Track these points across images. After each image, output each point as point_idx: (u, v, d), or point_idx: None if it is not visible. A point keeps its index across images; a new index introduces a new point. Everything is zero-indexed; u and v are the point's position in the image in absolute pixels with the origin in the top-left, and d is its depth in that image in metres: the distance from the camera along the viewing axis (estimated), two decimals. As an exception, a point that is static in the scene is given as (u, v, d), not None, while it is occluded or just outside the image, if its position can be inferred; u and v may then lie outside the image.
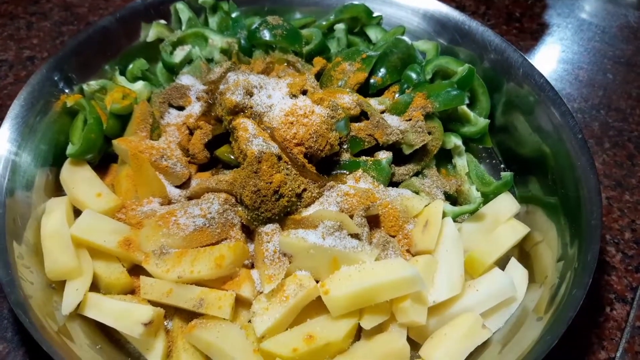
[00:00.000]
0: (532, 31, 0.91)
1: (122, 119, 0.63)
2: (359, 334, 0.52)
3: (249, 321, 0.50)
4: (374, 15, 0.77)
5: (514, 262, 0.57)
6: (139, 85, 0.67)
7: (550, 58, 0.88)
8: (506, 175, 0.62)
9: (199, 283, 0.51)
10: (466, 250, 0.57)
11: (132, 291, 0.54)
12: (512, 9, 0.94)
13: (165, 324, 0.52)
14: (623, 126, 0.79)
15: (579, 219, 0.55)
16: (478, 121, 0.67)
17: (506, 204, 0.61)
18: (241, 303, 0.52)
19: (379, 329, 0.51)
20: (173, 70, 0.69)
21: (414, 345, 0.52)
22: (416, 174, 0.63)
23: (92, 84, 0.65)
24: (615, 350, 0.57)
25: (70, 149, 0.59)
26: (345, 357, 0.49)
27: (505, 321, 0.53)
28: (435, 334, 0.51)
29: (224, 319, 0.49)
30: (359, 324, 0.50)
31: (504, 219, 0.60)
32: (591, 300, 0.60)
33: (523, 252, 0.60)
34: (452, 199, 0.63)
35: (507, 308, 0.54)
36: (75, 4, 0.88)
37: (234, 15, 0.74)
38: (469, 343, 0.51)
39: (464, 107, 0.67)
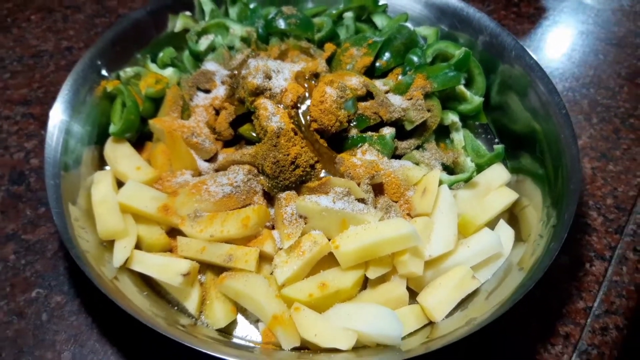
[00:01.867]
0: (529, 15, 0.97)
1: (156, 102, 0.71)
2: (365, 283, 0.60)
3: (271, 273, 0.59)
4: (380, 3, 0.84)
5: (502, 223, 0.64)
6: (169, 71, 0.75)
7: (545, 40, 0.94)
8: (498, 147, 0.69)
9: (228, 241, 0.59)
10: (461, 213, 0.64)
11: (170, 250, 0.62)
12: (510, -6, 1.00)
13: (199, 277, 0.61)
14: (611, 103, 0.85)
15: (561, 184, 0.62)
16: (474, 99, 0.74)
17: (498, 173, 0.68)
18: (264, 258, 0.60)
19: (382, 279, 0.59)
20: (199, 58, 0.76)
21: (413, 293, 0.60)
22: (417, 148, 0.70)
23: (128, 71, 0.73)
24: (593, 301, 0.64)
25: (112, 129, 0.68)
26: (353, 302, 0.58)
27: (492, 274, 0.61)
28: (431, 283, 0.59)
29: (250, 271, 0.58)
30: (365, 275, 0.58)
31: (495, 187, 0.67)
32: (573, 258, 0.67)
33: (512, 215, 0.67)
34: (450, 169, 0.70)
35: (494, 262, 0.61)
36: (106, -2, 0.95)
37: (251, 6, 0.81)
38: (460, 292, 0.59)
39: (461, 87, 0.74)
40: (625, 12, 1.00)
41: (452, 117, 0.72)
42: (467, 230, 0.63)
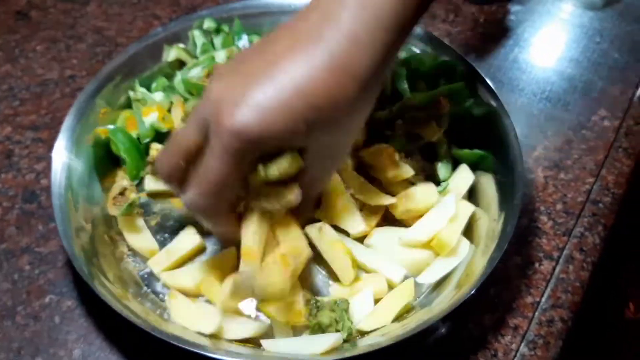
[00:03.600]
0: (494, 35, 1.06)
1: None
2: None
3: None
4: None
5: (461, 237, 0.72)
6: (159, 96, 0.83)
7: (508, 59, 1.02)
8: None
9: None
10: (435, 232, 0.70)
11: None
12: (477, 15, 1.09)
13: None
14: (565, 116, 0.93)
15: (507, 199, 0.70)
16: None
17: (464, 175, 0.76)
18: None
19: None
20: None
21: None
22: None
23: (138, 93, 0.81)
24: (541, 296, 0.73)
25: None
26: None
27: (442, 275, 0.69)
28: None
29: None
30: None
31: (463, 191, 0.74)
32: (524, 258, 0.76)
33: (469, 224, 0.74)
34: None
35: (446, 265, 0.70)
36: (105, 28, 1.04)
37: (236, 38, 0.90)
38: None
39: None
40: (584, 28, 1.08)
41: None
42: (442, 251, 0.70)
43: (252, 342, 0.64)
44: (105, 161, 0.78)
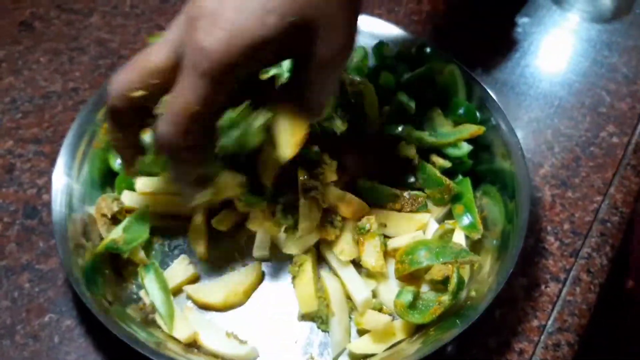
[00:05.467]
0: (501, 48, 1.05)
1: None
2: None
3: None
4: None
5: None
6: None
7: (515, 72, 1.01)
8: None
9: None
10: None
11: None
12: (483, 28, 1.07)
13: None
14: (573, 132, 0.92)
15: (512, 221, 0.69)
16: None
17: None
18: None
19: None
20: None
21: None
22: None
23: None
24: (547, 319, 0.72)
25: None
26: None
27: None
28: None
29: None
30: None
31: None
32: (529, 279, 0.75)
33: (472, 246, 0.73)
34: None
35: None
36: (108, 40, 1.03)
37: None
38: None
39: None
40: (591, 41, 1.07)
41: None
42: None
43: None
44: (110, 173, 0.77)
